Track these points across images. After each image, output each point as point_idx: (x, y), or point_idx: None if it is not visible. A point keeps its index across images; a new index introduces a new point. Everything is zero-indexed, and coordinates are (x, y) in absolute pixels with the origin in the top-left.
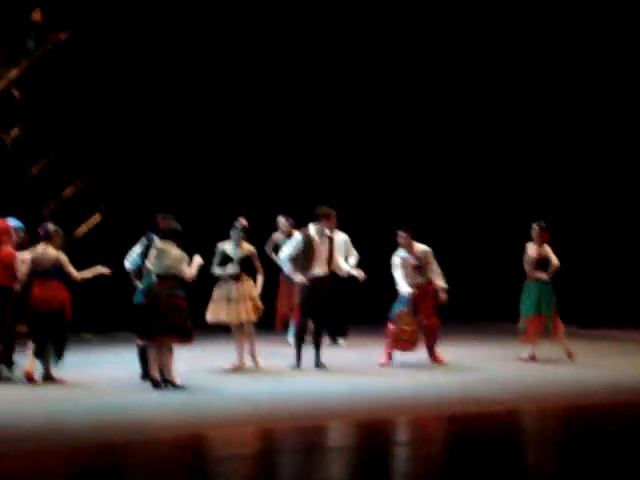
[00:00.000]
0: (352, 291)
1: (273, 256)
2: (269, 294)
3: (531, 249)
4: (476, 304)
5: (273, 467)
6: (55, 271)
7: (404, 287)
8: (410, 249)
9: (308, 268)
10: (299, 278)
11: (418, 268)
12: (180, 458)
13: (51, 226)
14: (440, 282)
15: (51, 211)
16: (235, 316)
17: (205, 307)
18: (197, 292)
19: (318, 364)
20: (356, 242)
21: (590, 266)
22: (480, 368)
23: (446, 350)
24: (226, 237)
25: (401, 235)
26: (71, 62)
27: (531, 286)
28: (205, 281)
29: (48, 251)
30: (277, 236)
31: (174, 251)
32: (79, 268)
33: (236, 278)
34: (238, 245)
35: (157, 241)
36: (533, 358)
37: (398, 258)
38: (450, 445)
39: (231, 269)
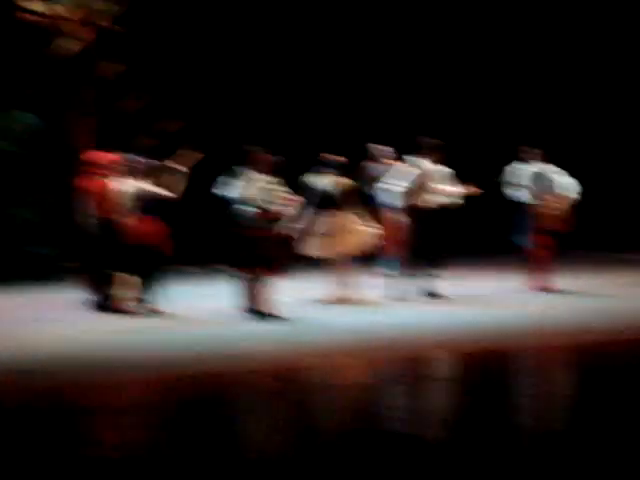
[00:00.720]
0: (450, 223)
1: (368, 188)
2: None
3: None
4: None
5: (375, 397)
6: (152, 206)
7: (524, 194)
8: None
9: (419, 201)
10: (403, 216)
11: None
12: (281, 388)
13: (149, 161)
14: (570, 194)
15: (150, 147)
16: (332, 250)
17: (303, 240)
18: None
19: (429, 293)
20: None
21: None
22: (590, 296)
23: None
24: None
25: (524, 149)
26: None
27: None
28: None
29: (143, 185)
30: (373, 166)
31: (275, 185)
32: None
33: (332, 212)
34: (332, 180)
35: (259, 174)
36: None
37: (518, 169)
38: (556, 375)
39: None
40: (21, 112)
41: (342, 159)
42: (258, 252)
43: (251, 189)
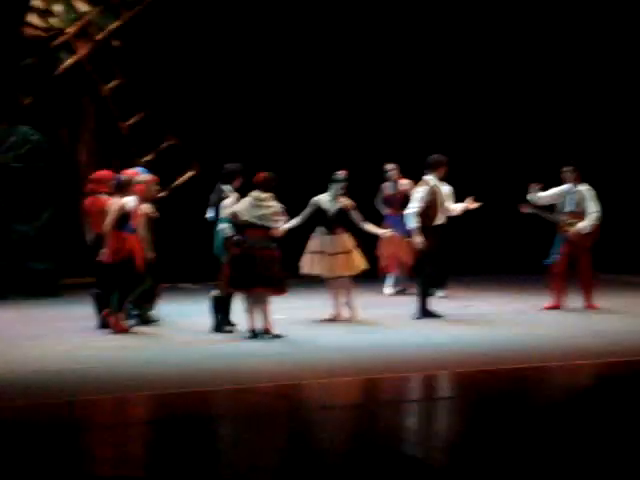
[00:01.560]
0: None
1: (380, 207)
2: (371, 243)
3: None
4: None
5: (369, 417)
6: (122, 223)
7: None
8: (575, 184)
9: (433, 219)
10: (419, 239)
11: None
12: (278, 407)
13: (124, 177)
14: (585, 223)
15: (146, 164)
16: (329, 270)
17: (299, 258)
18: (292, 242)
19: (430, 313)
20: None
21: None
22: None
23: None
24: (321, 191)
25: (567, 170)
26: (170, 15)
27: None
28: (300, 232)
29: (116, 202)
30: (387, 185)
31: (271, 202)
32: (172, 219)
33: (331, 231)
34: (334, 198)
35: (255, 191)
36: None
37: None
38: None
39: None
40: (22, 127)
41: (343, 173)
42: (255, 270)
43: (248, 204)
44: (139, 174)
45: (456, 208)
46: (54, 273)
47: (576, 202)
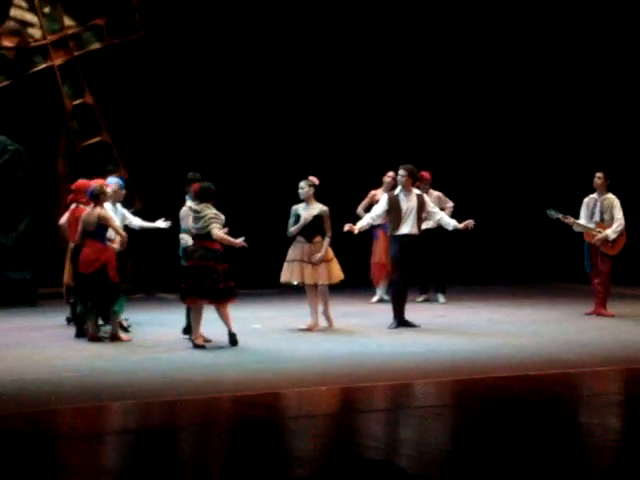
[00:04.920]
0: (450, 250)
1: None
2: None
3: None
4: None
5: (347, 426)
6: (99, 232)
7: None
8: (602, 192)
9: (396, 228)
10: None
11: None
12: (255, 416)
13: (99, 187)
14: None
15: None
16: (309, 278)
17: (280, 267)
18: (273, 252)
19: (406, 323)
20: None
21: None
22: (553, 328)
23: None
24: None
25: (599, 176)
26: (149, 51)
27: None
28: (281, 241)
29: (94, 211)
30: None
31: (207, 211)
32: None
33: (309, 240)
34: (307, 205)
35: (192, 203)
36: None
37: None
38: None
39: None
40: (0, 136)
41: (315, 181)
42: (189, 281)
43: (189, 217)
44: (107, 184)
45: (450, 223)
46: (31, 283)
47: (603, 210)
